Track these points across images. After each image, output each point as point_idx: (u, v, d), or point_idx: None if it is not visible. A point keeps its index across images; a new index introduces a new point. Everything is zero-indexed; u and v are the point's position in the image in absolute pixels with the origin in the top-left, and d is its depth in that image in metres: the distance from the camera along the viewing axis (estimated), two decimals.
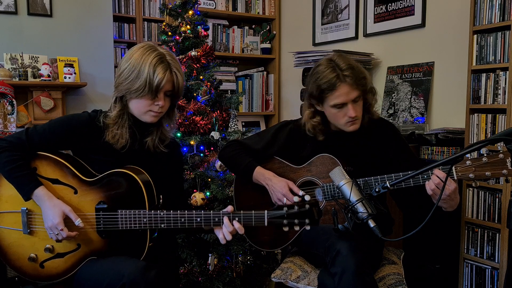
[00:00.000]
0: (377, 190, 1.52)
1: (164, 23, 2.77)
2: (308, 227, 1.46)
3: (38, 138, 1.61)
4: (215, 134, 2.57)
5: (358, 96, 1.77)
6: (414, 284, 2.03)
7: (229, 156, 2.02)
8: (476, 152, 2.16)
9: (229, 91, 4.21)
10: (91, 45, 3.69)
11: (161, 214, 1.53)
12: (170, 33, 2.73)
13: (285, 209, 1.46)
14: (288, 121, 2.04)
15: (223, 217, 1.52)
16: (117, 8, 4.03)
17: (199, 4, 2.80)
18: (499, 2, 2.35)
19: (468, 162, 1.51)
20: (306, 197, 1.48)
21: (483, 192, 2.44)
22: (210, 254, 2.40)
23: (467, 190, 2.50)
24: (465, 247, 2.52)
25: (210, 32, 4.18)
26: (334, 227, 1.55)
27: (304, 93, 1.91)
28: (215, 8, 4.22)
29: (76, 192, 1.60)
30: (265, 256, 2.71)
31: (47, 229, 1.56)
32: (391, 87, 3.24)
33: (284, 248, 2.00)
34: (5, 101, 3.06)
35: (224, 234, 1.52)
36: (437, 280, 2.59)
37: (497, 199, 2.37)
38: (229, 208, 1.54)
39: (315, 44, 3.99)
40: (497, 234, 2.38)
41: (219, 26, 4.30)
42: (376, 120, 1.91)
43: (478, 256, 2.47)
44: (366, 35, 3.50)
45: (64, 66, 3.42)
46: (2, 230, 1.64)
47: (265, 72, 4.47)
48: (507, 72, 2.31)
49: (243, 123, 4.37)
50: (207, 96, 2.62)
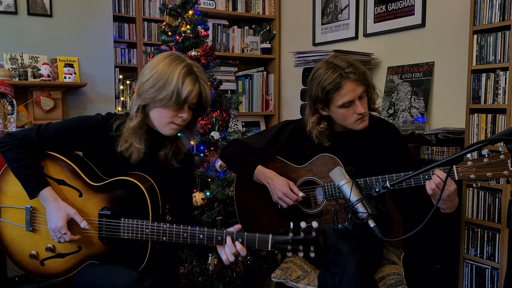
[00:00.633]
0: (377, 190, 1.52)
1: (164, 23, 2.77)
2: (313, 255, 1.41)
3: (48, 138, 1.58)
4: (215, 134, 2.57)
5: (363, 92, 1.77)
6: (414, 284, 2.03)
7: (230, 155, 2.02)
8: (477, 153, 2.16)
9: (229, 91, 4.21)
10: (91, 45, 3.69)
11: (164, 227, 1.51)
12: (170, 33, 2.73)
13: (291, 235, 1.41)
14: (290, 121, 2.04)
15: (226, 237, 1.47)
16: (117, 8, 4.03)
17: (199, 4, 2.80)
18: (499, 2, 2.35)
19: (469, 163, 1.51)
20: (314, 224, 1.42)
21: (483, 192, 2.44)
22: (210, 254, 2.40)
23: (467, 190, 2.50)
24: (465, 247, 2.52)
25: (210, 32, 4.18)
26: (334, 227, 1.55)
27: (307, 100, 1.90)
28: (215, 8, 4.22)
29: (81, 195, 1.59)
30: (265, 256, 2.71)
31: (50, 231, 1.55)
32: (391, 87, 3.24)
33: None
34: (5, 101, 3.06)
35: (227, 255, 1.47)
36: (437, 280, 2.59)
37: (497, 199, 2.37)
38: (236, 227, 1.49)
39: (315, 44, 3.99)
40: (497, 234, 2.38)
41: (219, 26, 4.30)
42: (377, 121, 1.91)
43: (478, 256, 2.47)
44: (366, 35, 3.50)
45: (64, 66, 3.42)
46: (6, 224, 1.65)
47: (265, 72, 4.47)
48: (507, 72, 2.31)
49: (243, 123, 4.37)
50: None
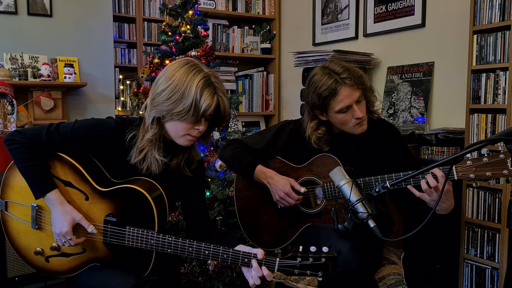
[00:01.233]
0: (377, 190, 1.52)
1: (164, 23, 2.77)
2: (320, 279, 1.38)
3: (58, 140, 1.54)
4: (215, 134, 2.57)
5: (361, 96, 1.77)
6: (414, 284, 2.03)
7: (230, 155, 2.02)
8: (476, 152, 2.16)
9: (229, 91, 4.21)
10: (91, 45, 3.69)
11: (169, 240, 1.48)
12: (170, 33, 2.73)
13: (299, 260, 1.37)
14: (289, 121, 2.04)
15: (243, 258, 1.43)
16: (117, 8, 4.04)
17: (199, 4, 2.80)
18: (499, 2, 2.35)
19: (469, 162, 1.51)
20: (324, 249, 1.38)
21: (483, 192, 2.44)
22: None
23: (467, 190, 2.50)
24: (465, 247, 2.52)
25: (210, 32, 4.18)
26: (334, 227, 1.55)
27: (305, 106, 1.90)
28: (215, 8, 4.22)
29: (87, 199, 1.57)
30: None
31: (55, 235, 1.54)
32: (391, 87, 3.24)
33: (284, 248, 2.00)
34: (5, 101, 3.06)
35: (253, 277, 1.42)
36: (437, 280, 2.59)
37: (497, 199, 2.37)
38: (259, 254, 1.42)
39: (315, 44, 3.99)
40: (497, 234, 2.38)
41: (219, 26, 4.30)
42: (377, 121, 1.91)
43: (478, 256, 2.47)
44: (366, 35, 3.50)
45: (64, 66, 3.43)
46: (12, 219, 1.64)
47: (265, 72, 4.47)
48: (507, 72, 2.31)
49: (243, 123, 4.37)
50: None
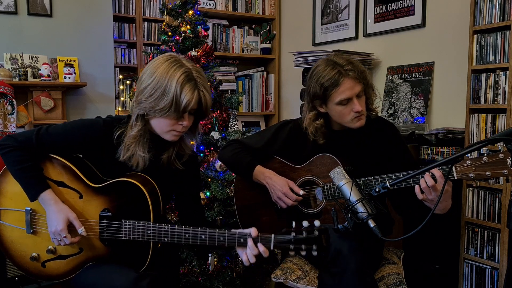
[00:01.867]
0: (377, 190, 1.52)
1: (164, 23, 2.77)
2: (315, 253, 1.41)
3: (48, 142, 1.57)
4: (215, 134, 2.57)
5: (362, 90, 1.78)
6: (414, 284, 2.03)
7: (229, 156, 2.02)
8: (476, 152, 2.16)
9: (229, 91, 4.21)
10: (91, 45, 3.69)
11: (165, 228, 1.50)
12: (170, 33, 2.73)
13: (293, 235, 1.41)
14: (288, 121, 2.04)
15: (239, 238, 1.45)
16: (117, 8, 4.04)
17: (199, 4, 2.80)
18: (499, 2, 2.35)
19: (468, 162, 1.51)
20: (316, 223, 1.42)
21: (483, 192, 2.44)
22: (210, 254, 2.40)
23: (467, 190, 2.50)
24: (465, 247, 2.52)
25: (210, 32, 4.18)
26: (334, 227, 1.55)
27: (305, 96, 1.90)
28: (215, 8, 4.22)
29: (81, 197, 1.58)
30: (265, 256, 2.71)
31: (51, 234, 1.54)
32: (391, 87, 3.24)
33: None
34: (5, 101, 3.06)
35: (248, 256, 1.46)
36: (437, 280, 2.59)
37: (497, 199, 2.37)
38: (253, 232, 1.45)
39: (315, 44, 3.99)
40: (497, 234, 2.38)
41: (219, 26, 4.30)
42: (376, 119, 1.91)
43: (478, 256, 2.47)
44: (366, 35, 3.50)
45: (64, 66, 3.42)
46: (6, 227, 1.64)
47: (265, 72, 4.47)
48: (507, 72, 2.31)
49: (243, 123, 4.37)
50: None
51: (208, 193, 2.47)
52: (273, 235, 1.44)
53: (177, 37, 2.69)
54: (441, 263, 2.58)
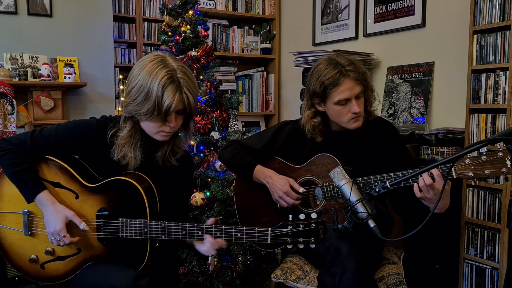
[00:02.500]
0: (377, 190, 1.52)
1: (164, 23, 2.77)
2: (313, 246, 1.43)
3: (43, 144, 1.57)
4: (215, 134, 2.57)
5: (361, 92, 1.78)
6: (414, 284, 2.03)
7: (229, 156, 2.02)
8: (476, 152, 2.16)
9: (229, 91, 4.21)
10: (91, 45, 3.69)
11: (162, 225, 1.51)
12: (170, 33, 2.73)
13: (290, 227, 1.43)
14: (288, 121, 2.04)
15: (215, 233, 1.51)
16: (117, 8, 4.03)
17: (199, 4, 2.80)
18: (499, 2, 2.35)
19: (467, 161, 1.51)
20: (313, 215, 1.44)
21: (483, 192, 2.44)
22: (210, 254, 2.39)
23: (467, 190, 2.50)
24: (465, 247, 2.52)
25: (210, 32, 4.18)
26: (334, 227, 1.55)
27: (305, 94, 1.90)
28: (215, 8, 4.22)
29: (78, 197, 1.58)
30: (265, 256, 2.71)
31: (49, 235, 1.55)
32: (391, 87, 3.24)
33: (284, 248, 2.00)
34: (5, 101, 3.06)
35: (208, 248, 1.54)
36: (437, 280, 2.59)
37: (497, 199, 2.37)
38: (210, 221, 1.54)
39: (315, 44, 3.99)
40: (497, 234, 2.38)
41: (219, 26, 4.30)
42: (375, 119, 1.91)
43: (478, 256, 2.47)
44: (366, 35, 3.50)
45: (64, 66, 3.42)
46: (4, 230, 1.64)
47: (265, 72, 4.47)
48: (507, 72, 2.31)
49: (243, 123, 4.37)
50: (207, 96, 2.62)
51: (208, 193, 2.47)
52: (270, 229, 1.45)
53: (177, 37, 2.69)
54: (441, 263, 2.58)
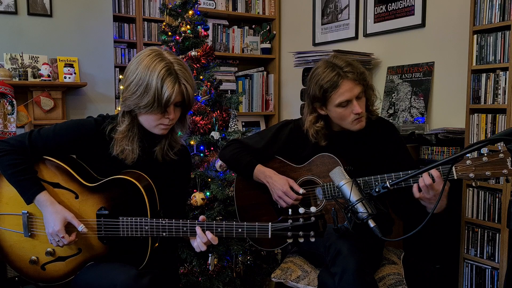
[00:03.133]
0: (377, 190, 1.52)
1: (164, 23, 2.77)
2: (313, 239, 1.43)
3: (41, 144, 1.58)
4: (215, 134, 2.57)
5: (361, 92, 1.78)
6: (414, 284, 2.03)
7: (230, 155, 2.02)
8: (476, 152, 2.16)
9: (229, 91, 4.21)
10: (91, 45, 3.69)
11: (163, 223, 1.51)
12: (170, 33, 2.73)
13: (290, 221, 1.43)
14: (289, 121, 2.04)
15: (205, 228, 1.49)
16: (117, 8, 4.03)
17: (199, 4, 2.80)
18: (499, 2, 2.34)
19: (468, 162, 1.51)
20: (312, 209, 1.45)
21: (483, 192, 2.44)
22: (210, 254, 2.40)
23: (467, 190, 2.50)
24: (465, 247, 2.52)
25: (210, 32, 4.18)
26: (334, 227, 1.55)
27: (305, 99, 1.90)
28: (215, 8, 4.22)
29: (77, 197, 1.58)
30: (265, 256, 2.71)
31: (48, 235, 1.54)
32: (391, 87, 3.24)
33: (284, 248, 2.00)
34: (5, 101, 3.06)
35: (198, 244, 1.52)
36: (437, 280, 2.59)
37: (497, 199, 2.37)
38: (200, 218, 1.53)
39: (315, 44, 3.99)
40: (497, 234, 2.38)
41: (219, 26, 4.30)
42: (376, 120, 1.91)
43: (478, 256, 2.47)
44: (366, 35, 3.50)
45: (64, 66, 3.42)
46: (3, 232, 1.63)
47: (265, 72, 4.47)
48: (507, 72, 2.31)
49: (243, 123, 4.37)
50: (207, 96, 2.62)
51: (208, 193, 2.47)
52: (270, 223, 1.45)
53: (177, 37, 2.69)
54: (441, 263, 2.58)
